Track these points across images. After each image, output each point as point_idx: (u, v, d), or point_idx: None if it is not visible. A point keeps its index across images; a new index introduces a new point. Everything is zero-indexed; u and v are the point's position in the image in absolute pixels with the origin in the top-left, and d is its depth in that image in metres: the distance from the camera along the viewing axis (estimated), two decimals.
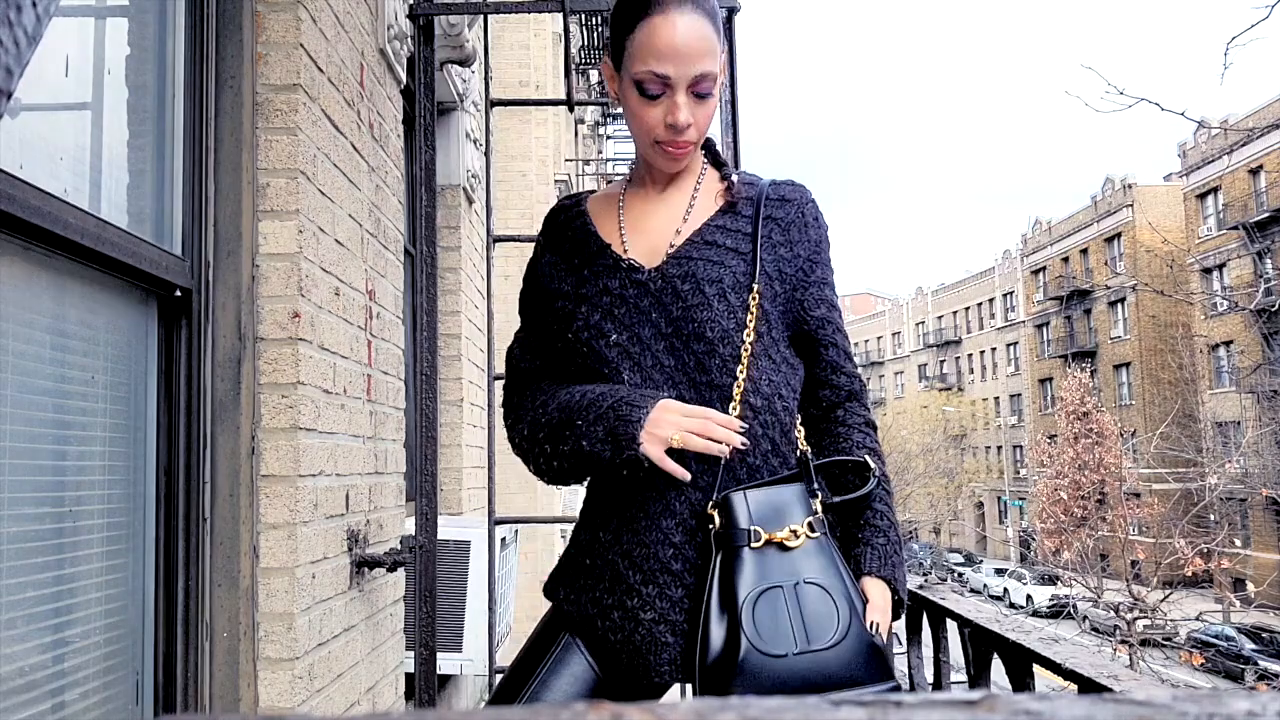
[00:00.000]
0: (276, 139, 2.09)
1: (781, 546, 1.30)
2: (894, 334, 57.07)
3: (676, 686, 1.47)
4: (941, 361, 52.19)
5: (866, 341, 59.70)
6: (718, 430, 1.31)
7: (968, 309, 49.94)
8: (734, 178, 1.47)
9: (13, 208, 1.40)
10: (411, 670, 2.72)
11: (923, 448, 39.68)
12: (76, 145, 1.74)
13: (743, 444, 1.33)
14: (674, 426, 1.30)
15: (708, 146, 1.52)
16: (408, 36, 2.96)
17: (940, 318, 52.51)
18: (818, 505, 1.35)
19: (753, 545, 1.29)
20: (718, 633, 1.27)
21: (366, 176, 2.62)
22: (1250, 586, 23.54)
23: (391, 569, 2.57)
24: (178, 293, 1.95)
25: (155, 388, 1.92)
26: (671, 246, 1.42)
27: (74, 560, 1.66)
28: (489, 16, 3.10)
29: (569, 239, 1.50)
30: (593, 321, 1.41)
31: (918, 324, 54.90)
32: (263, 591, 2.01)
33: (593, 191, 1.60)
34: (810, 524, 1.32)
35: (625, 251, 1.44)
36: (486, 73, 3.11)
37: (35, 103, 1.59)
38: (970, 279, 50.09)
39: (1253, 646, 20.59)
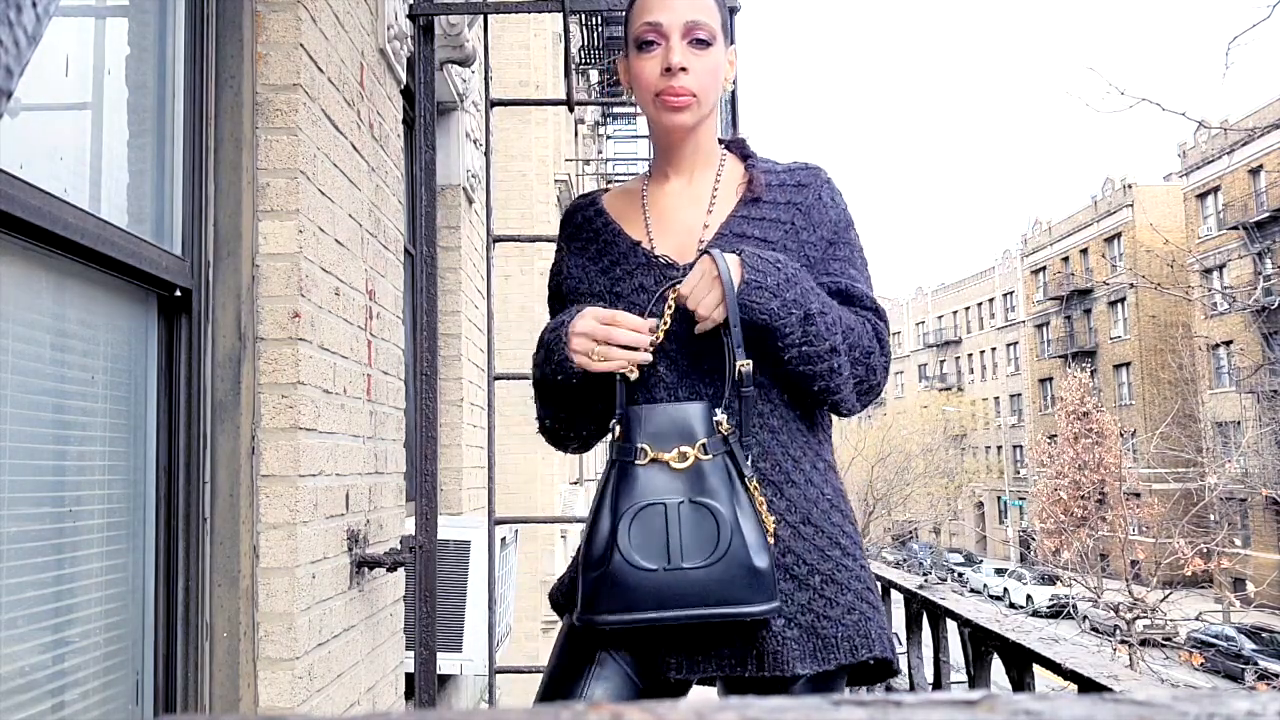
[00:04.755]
0: (276, 139, 2.09)
1: (668, 466, 1.31)
2: (894, 334, 57.09)
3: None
4: (941, 361, 52.18)
5: None
6: (623, 335, 1.33)
7: (968, 309, 49.92)
8: (757, 170, 1.46)
9: (13, 208, 1.40)
10: (411, 670, 2.72)
11: (923, 448, 39.65)
12: (76, 145, 1.74)
13: (650, 343, 1.34)
14: (588, 339, 1.33)
15: (737, 144, 1.52)
16: (408, 36, 2.96)
17: (940, 317, 52.50)
18: (721, 424, 1.32)
19: (638, 462, 1.30)
20: (598, 543, 1.29)
21: (366, 176, 2.62)
22: (1250, 586, 23.53)
23: (391, 569, 2.57)
24: (178, 292, 1.95)
25: (155, 388, 1.92)
26: (701, 242, 1.42)
27: (74, 560, 1.66)
28: (489, 16, 3.10)
29: (593, 239, 1.50)
30: None
31: (918, 324, 54.89)
32: (263, 591, 2.01)
33: (606, 189, 1.59)
34: (704, 445, 1.31)
35: (655, 248, 1.44)
36: (486, 73, 3.11)
37: (35, 103, 1.59)
38: (970, 279, 50.07)
39: (1253, 646, 20.58)
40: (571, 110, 4.24)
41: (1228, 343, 30.25)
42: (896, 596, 2.44)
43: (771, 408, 1.38)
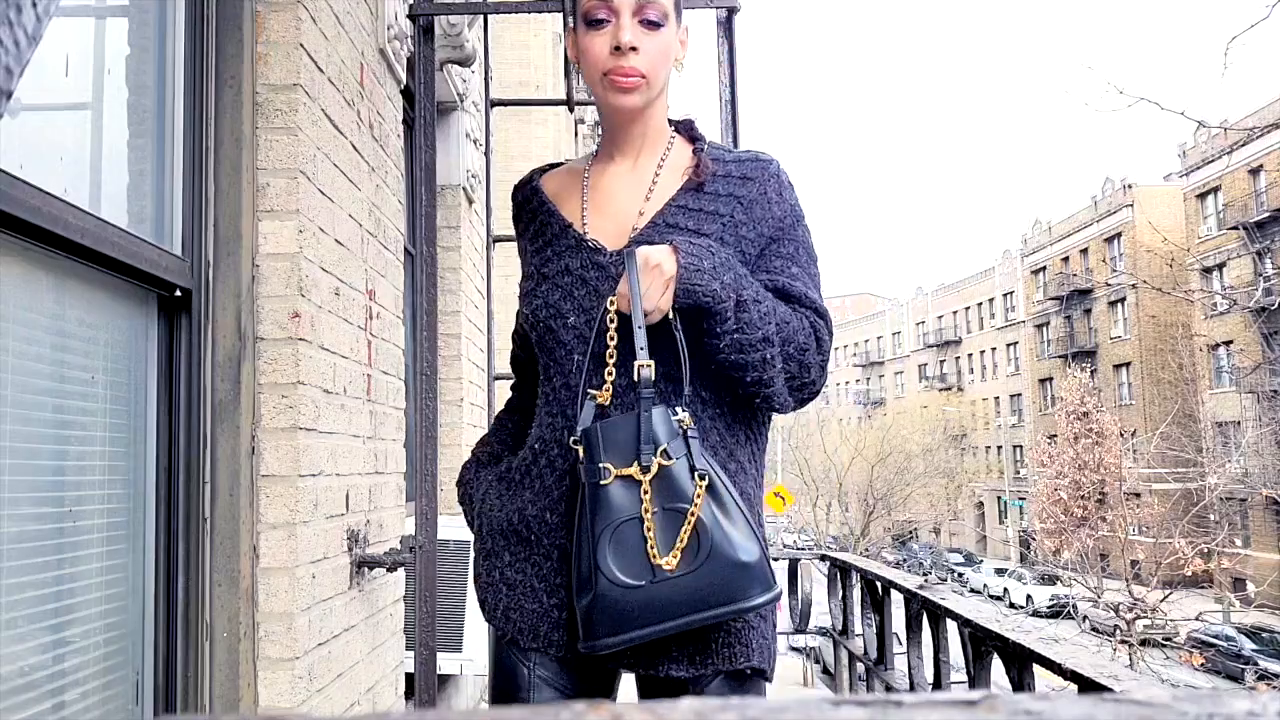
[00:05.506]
0: (276, 139, 2.09)
1: (632, 479, 1.27)
2: (894, 334, 57.06)
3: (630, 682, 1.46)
4: (941, 361, 52.16)
5: (866, 341, 59.69)
6: None
7: (968, 309, 49.91)
8: (703, 155, 1.42)
9: (13, 208, 1.40)
10: (411, 670, 2.72)
11: (923, 448, 39.62)
12: (76, 145, 1.74)
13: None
14: None
15: (686, 126, 1.48)
16: (408, 36, 2.96)
17: (940, 318, 52.49)
18: (683, 421, 1.29)
19: (604, 482, 1.27)
20: (582, 569, 1.27)
21: (366, 176, 2.62)
22: (1250, 586, 23.52)
23: (391, 569, 2.57)
24: (178, 292, 1.95)
25: (155, 388, 1.92)
26: (634, 230, 1.39)
27: (74, 560, 1.66)
28: (489, 16, 3.10)
29: (531, 219, 1.49)
30: (551, 301, 1.39)
31: (918, 324, 54.88)
32: (263, 591, 2.01)
33: (549, 167, 1.56)
34: (667, 450, 1.27)
35: (586, 231, 1.41)
36: (486, 73, 3.11)
37: (35, 103, 1.59)
38: (970, 279, 50.05)
39: (1253, 646, 20.56)
40: (571, 110, 4.24)
41: (1228, 343, 30.24)
42: (897, 597, 2.44)
43: (684, 403, 1.34)
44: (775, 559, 3.26)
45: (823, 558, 3.21)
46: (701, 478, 1.27)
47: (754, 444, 1.43)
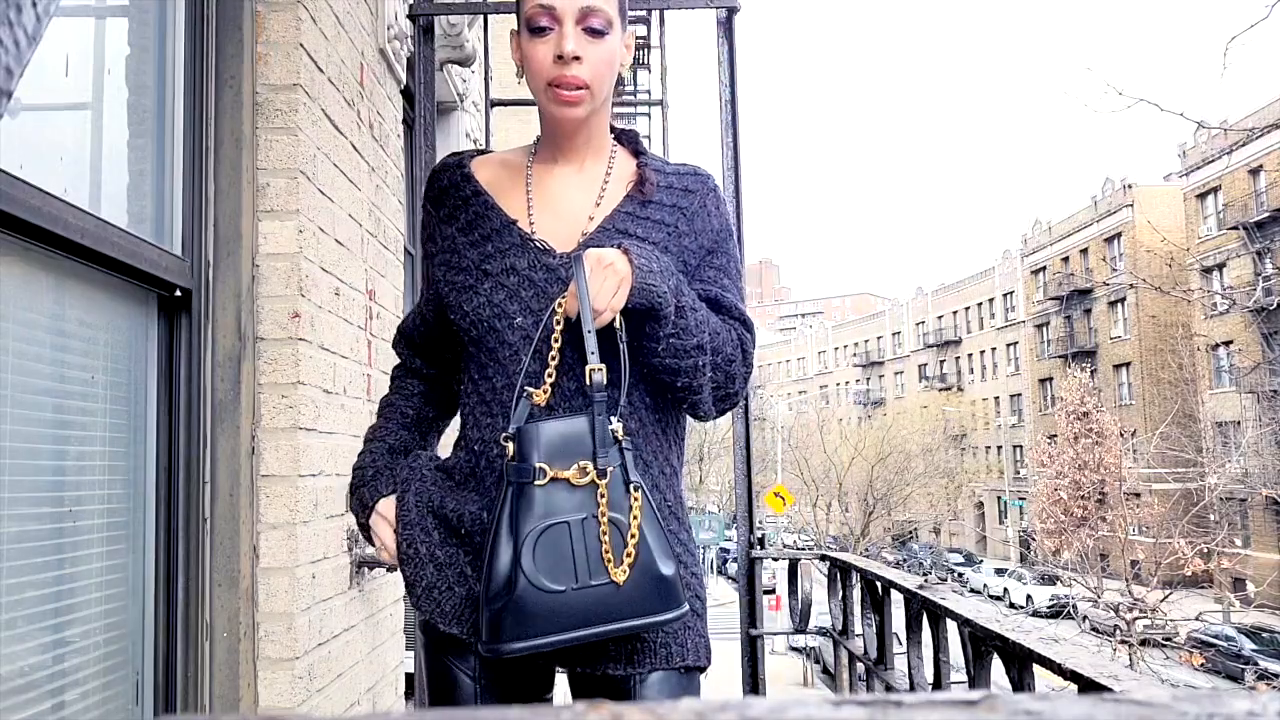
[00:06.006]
0: (276, 139, 2.09)
1: (569, 483, 1.26)
2: (894, 334, 57.06)
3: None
4: (941, 361, 52.17)
5: (866, 341, 59.69)
6: (384, 554, 1.42)
7: (968, 309, 49.91)
8: (649, 169, 1.43)
9: (13, 208, 1.40)
10: (411, 670, 2.72)
11: (923, 448, 39.61)
12: (76, 145, 1.74)
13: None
14: (380, 539, 1.42)
15: (630, 138, 1.48)
16: (408, 36, 2.96)
17: (940, 318, 52.49)
18: (616, 431, 1.28)
19: (537, 483, 1.26)
20: (500, 569, 1.24)
21: (366, 176, 2.62)
22: (1250, 586, 23.52)
23: (391, 569, 2.57)
24: (178, 292, 1.95)
25: (155, 388, 1.93)
26: (584, 234, 1.38)
27: (74, 560, 1.66)
28: (489, 16, 3.10)
29: (461, 207, 1.44)
30: (496, 300, 1.36)
31: (918, 324, 54.88)
32: (263, 591, 2.01)
33: (476, 153, 1.51)
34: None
35: (534, 231, 1.39)
36: (486, 73, 3.11)
37: (35, 103, 1.59)
38: (970, 279, 50.05)
39: (1253, 646, 20.57)
40: None
41: (1228, 343, 30.25)
42: (896, 597, 2.44)
43: (630, 409, 1.34)
44: (775, 559, 3.27)
45: (823, 558, 3.21)
46: (636, 489, 1.27)
47: (679, 448, 1.46)
